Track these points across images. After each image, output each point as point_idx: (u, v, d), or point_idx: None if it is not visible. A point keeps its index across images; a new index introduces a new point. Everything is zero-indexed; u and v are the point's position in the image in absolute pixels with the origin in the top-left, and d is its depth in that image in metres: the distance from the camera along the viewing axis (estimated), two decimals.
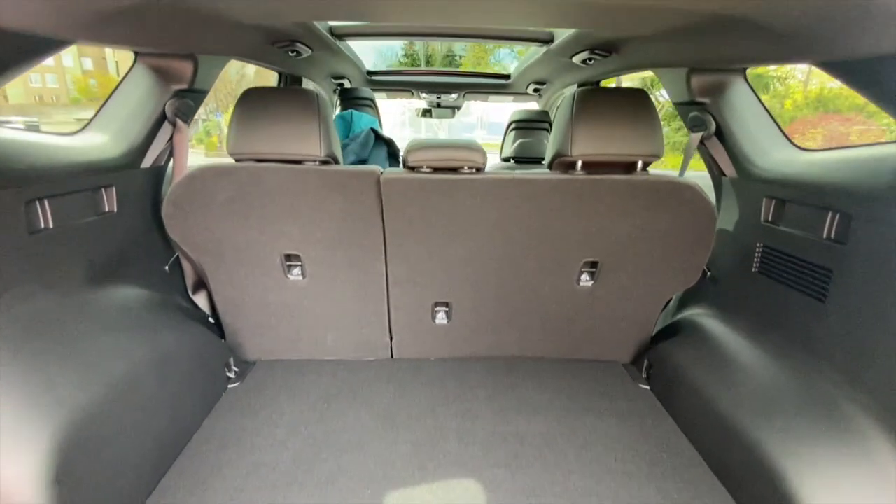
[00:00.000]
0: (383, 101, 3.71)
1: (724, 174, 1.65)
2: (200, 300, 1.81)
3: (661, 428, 1.50)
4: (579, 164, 1.46)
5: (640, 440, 1.44)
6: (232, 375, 1.70)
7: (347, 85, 3.28)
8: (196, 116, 1.72)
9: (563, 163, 1.50)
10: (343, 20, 1.83)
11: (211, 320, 1.84)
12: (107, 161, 1.35)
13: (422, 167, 1.48)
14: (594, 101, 1.44)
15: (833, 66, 1.07)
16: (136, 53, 1.46)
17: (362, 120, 2.94)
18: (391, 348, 1.88)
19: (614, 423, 1.53)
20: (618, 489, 1.25)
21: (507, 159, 2.95)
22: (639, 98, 1.46)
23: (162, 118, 1.52)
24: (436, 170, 1.49)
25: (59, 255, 1.18)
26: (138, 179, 1.50)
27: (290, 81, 2.87)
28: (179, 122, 1.53)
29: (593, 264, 1.65)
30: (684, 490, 1.25)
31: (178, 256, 1.70)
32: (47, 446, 0.92)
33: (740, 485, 1.22)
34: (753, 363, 1.38)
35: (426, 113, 4.12)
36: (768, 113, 1.55)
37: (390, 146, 2.97)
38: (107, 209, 1.36)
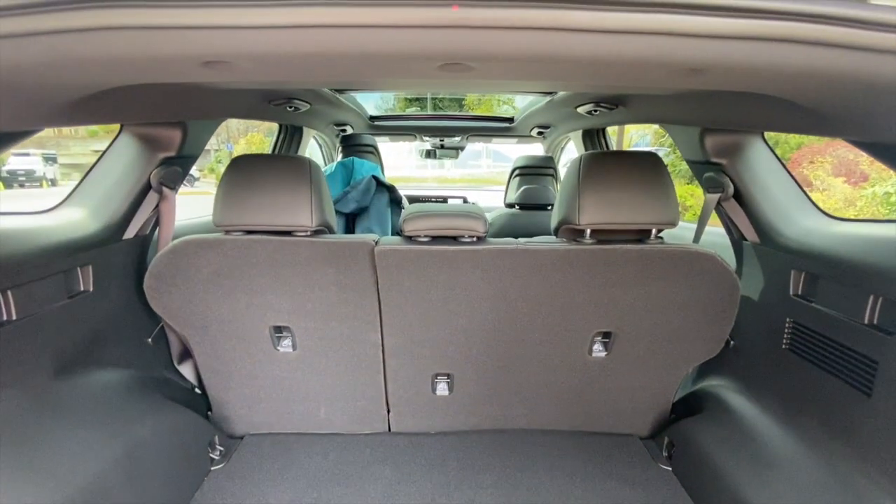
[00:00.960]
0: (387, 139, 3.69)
1: (745, 238, 1.53)
2: (186, 370, 1.70)
3: None
4: (588, 232, 1.36)
5: None
6: (216, 456, 1.57)
7: (350, 130, 3.26)
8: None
9: (570, 230, 1.40)
10: (346, 87, 1.79)
11: (198, 391, 1.73)
12: (83, 239, 1.27)
13: (419, 236, 1.39)
14: (602, 166, 1.35)
15: (863, 145, 0.97)
16: (122, 125, 1.40)
17: (364, 167, 2.89)
18: (388, 421, 1.75)
19: None
20: None
21: (511, 205, 2.87)
22: (650, 162, 1.37)
23: (147, 187, 1.45)
24: (434, 238, 1.40)
25: (24, 349, 1.09)
26: (120, 253, 1.42)
27: (290, 130, 2.84)
28: (166, 190, 1.46)
29: (606, 334, 1.52)
30: None
31: (161, 327, 1.60)
32: None
33: None
34: (789, 452, 1.23)
35: (430, 154, 4.10)
36: (791, 176, 1.44)
37: (392, 192, 2.91)
38: (81, 289, 1.28)
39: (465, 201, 3.99)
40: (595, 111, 1.84)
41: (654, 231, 1.38)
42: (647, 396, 1.67)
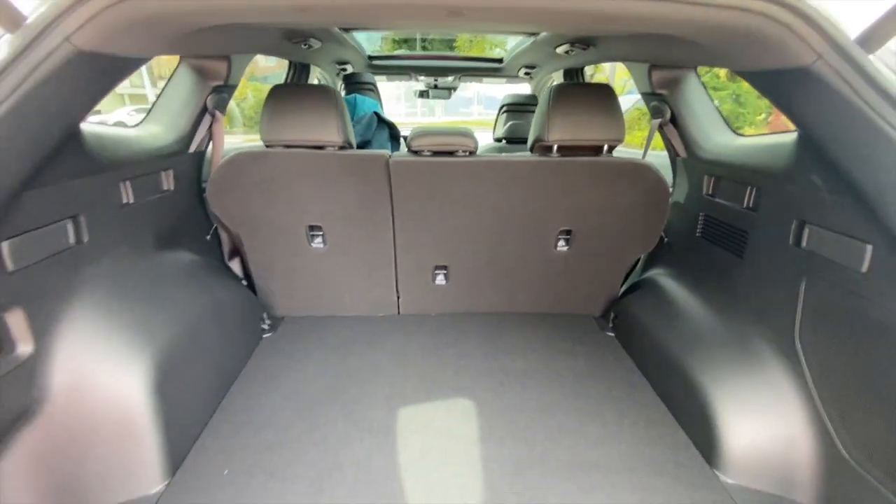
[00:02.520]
0: (381, 82, 3.93)
1: (678, 155, 1.95)
2: (234, 266, 2.13)
3: (620, 364, 1.85)
4: (555, 147, 1.76)
5: (601, 373, 1.79)
6: (266, 327, 2.03)
7: (350, 69, 3.51)
8: None
9: (542, 146, 1.80)
10: (354, 26, 2.09)
11: (244, 283, 2.16)
12: (164, 148, 1.64)
13: (423, 151, 1.78)
14: (568, 94, 1.73)
15: (744, 75, 1.35)
16: (181, 57, 1.72)
17: (365, 104, 3.19)
18: (398, 305, 2.21)
19: (582, 361, 1.88)
20: (581, 405, 1.60)
21: (499, 139, 3.22)
22: (605, 91, 1.75)
23: (203, 110, 1.79)
24: (435, 153, 1.78)
25: (137, 225, 1.49)
26: (187, 163, 1.79)
27: (299, 68, 3.10)
28: (217, 114, 1.81)
29: (568, 232, 1.96)
30: (633, 407, 1.61)
31: (216, 228, 2.00)
32: (147, 368, 1.25)
33: (676, 401, 1.57)
34: (691, 310, 1.72)
35: (423, 94, 4.35)
36: (714, 104, 1.84)
37: (391, 129, 3.24)
38: (165, 188, 1.66)
39: None
40: (571, 51, 2.18)
41: (605, 147, 1.78)
42: (599, 283, 2.14)
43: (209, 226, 1.98)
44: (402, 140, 3.15)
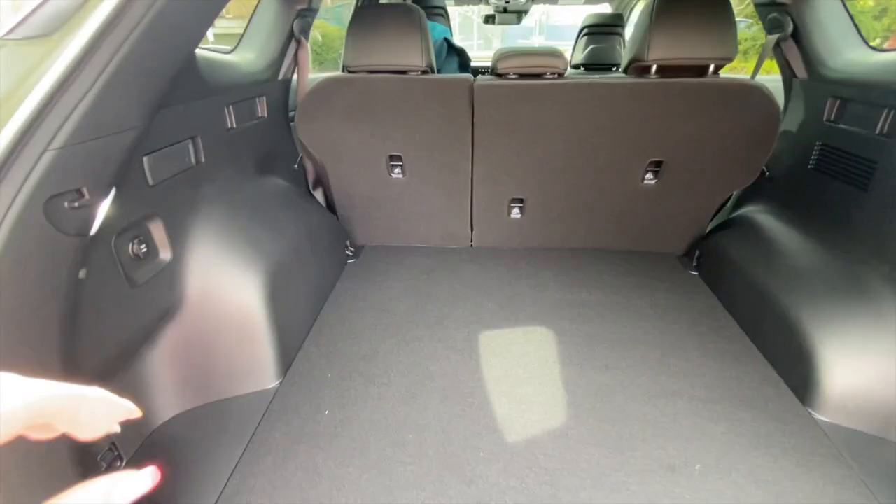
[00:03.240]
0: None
1: (795, 76, 1.74)
2: (318, 195, 2.22)
3: (703, 301, 1.80)
4: (654, 68, 1.63)
5: (684, 310, 1.76)
6: (349, 254, 2.14)
7: None
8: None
9: (638, 67, 1.67)
10: None
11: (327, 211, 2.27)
12: (257, 74, 1.69)
13: (509, 74, 1.70)
14: (672, 6, 1.56)
15: None
16: None
17: (436, 30, 3.06)
18: (472, 238, 2.24)
19: (662, 296, 1.84)
20: (662, 338, 1.59)
21: (577, 66, 3.02)
22: (716, 1, 1.56)
23: (289, 36, 1.80)
24: (521, 76, 1.71)
25: (240, 149, 1.58)
26: (277, 90, 1.84)
27: None
28: (302, 39, 1.82)
29: (658, 164, 1.86)
30: (718, 342, 1.58)
31: (301, 157, 2.08)
32: (263, 280, 1.37)
33: (767, 340, 1.52)
34: (793, 247, 1.61)
35: (489, 19, 4.09)
36: (848, 13, 1.59)
37: (461, 56, 3.11)
38: (260, 115, 1.73)
39: None
40: None
41: (711, 67, 1.62)
42: (687, 220, 2.04)
43: (296, 154, 2.06)
44: (471, 69, 3.03)
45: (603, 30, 2.86)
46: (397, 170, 2.01)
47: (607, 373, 1.45)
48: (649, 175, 1.91)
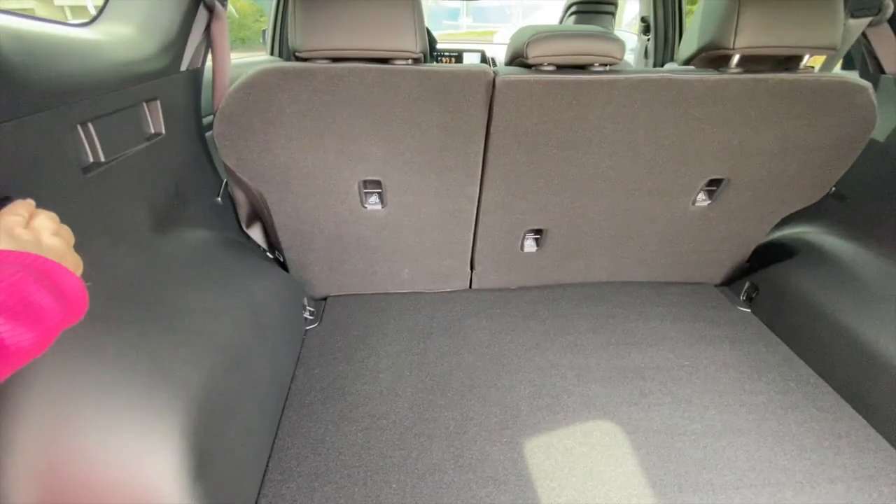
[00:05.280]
0: None
1: (883, 71, 1.39)
2: (255, 233, 1.56)
3: (777, 354, 1.44)
4: (735, 59, 1.19)
5: (761, 368, 1.38)
6: (308, 316, 1.53)
7: None
8: None
9: (711, 57, 1.22)
10: None
11: (269, 256, 1.61)
12: (141, 63, 1.00)
13: (542, 64, 1.18)
14: None
15: None
16: None
17: None
18: (470, 278, 1.72)
19: (727, 349, 1.46)
20: (759, 422, 1.20)
21: None
22: None
23: (195, 2, 1.12)
24: (559, 67, 1.19)
25: (115, 197, 0.91)
26: (179, 87, 1.15)
27: None
28: (217, 6, 1.15)
29: (716, 182, 1.45)
30: (822, 420, 1.21)
31: (226, 184, 1.41)
32: (180, 440, 0.75)
33: (886, 415, 1.17)
34: (885, 280, 1.28)
35: None
36: None
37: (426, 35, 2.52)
38: (153, 131, 1.05)
39: (484, 57, 3.55)
40: None
41: (805, 58, 1.21)
42: (732, 246, 1.67)
43: (218, 182, 1.38)
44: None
45: (593, 7, 2.42)
46: (373, 199, 1.42)
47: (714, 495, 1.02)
48: (702, 195, 1.50)
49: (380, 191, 1.38)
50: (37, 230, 0.52)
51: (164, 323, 0.86)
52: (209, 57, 1.25)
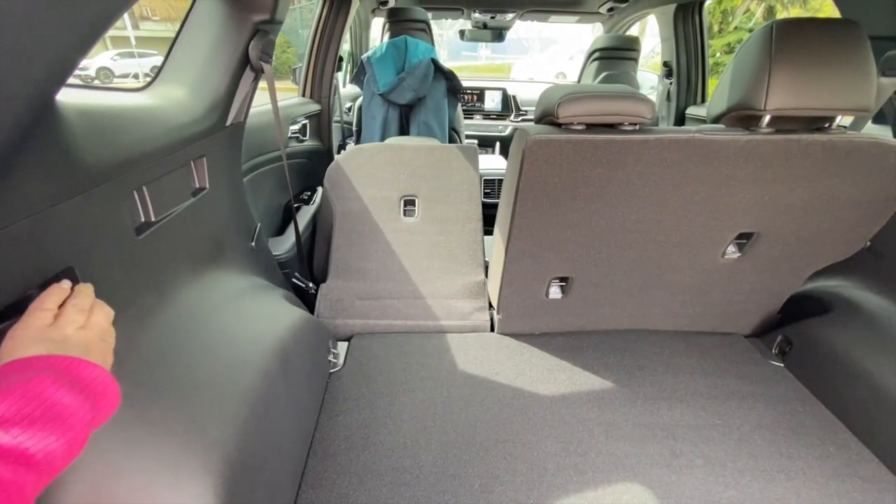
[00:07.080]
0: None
1: None
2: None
3: (814, 415, 1.39)
4: (766, 119, 1.19)
5: (798, 429, 1.33)
6: (332, 359, 1.54)
7: (392, 3, 2.81)
8: None
9: (741, 116, 1.23)
10: None
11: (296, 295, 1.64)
12: (192, 124, 1.06)
13: (573, 123, 1.21)
14: (801, 37, 1.13)
15: None
16: None
17: (419, 48, 2.53)
18: (492, 323, 1.72)
19: (761, 408, 1.41)
20: (799, 491, 1.15)
21: None
22: (850, 33, 1.15)
23: (242, 62, 1.19)
24: (589, 126, 1.21)
25: (164, 253, 0.95)
26: (224, 143, 1.21)
27: (336, 2, 2.41)
28: (265, 67, 1.21)
29: (746, 235, 1.43)
30: (866, 491, 1.15)
31: (259, 228, 1.45)
32: (214, 500, 0.76)
33: None
34: None
35: (466, 34, 3.67)
36: None
37: (450, 80, 2.60)
38: (198, 185, 1.10)
39: (505, 94, 3.62)
40: None
41: (838, 118, 1.21)
42: (762, 298, 1.64)
43: (253, 226, 1.43)
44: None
45: (616, 54, 2.46)
46: (409, 219, 1.45)
47: None
48: (732, 248, 1.49)
49: (414, 213, 1.41)
50: (62, 327, 0.50)
51: (199, 382, 0.87)
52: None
